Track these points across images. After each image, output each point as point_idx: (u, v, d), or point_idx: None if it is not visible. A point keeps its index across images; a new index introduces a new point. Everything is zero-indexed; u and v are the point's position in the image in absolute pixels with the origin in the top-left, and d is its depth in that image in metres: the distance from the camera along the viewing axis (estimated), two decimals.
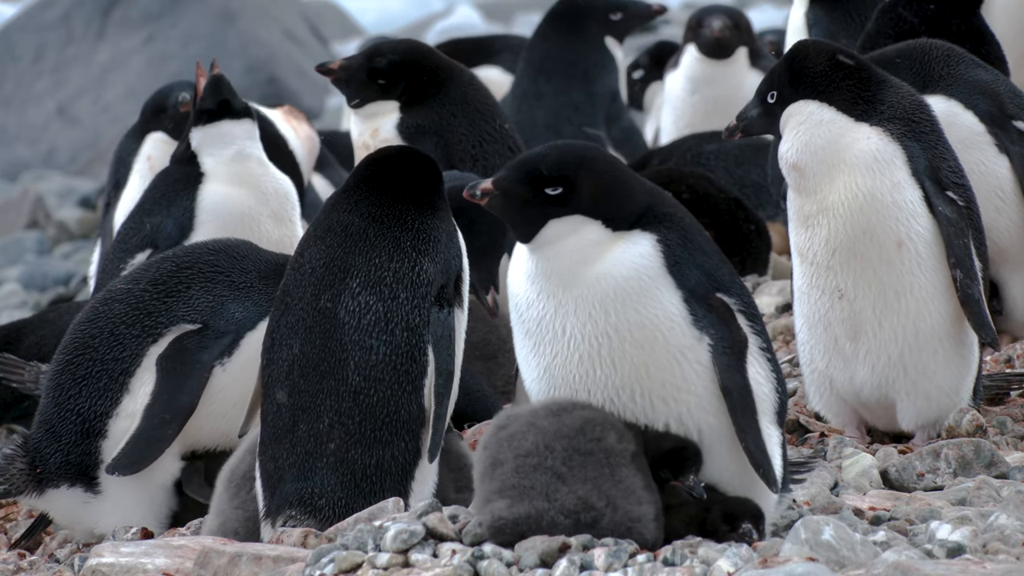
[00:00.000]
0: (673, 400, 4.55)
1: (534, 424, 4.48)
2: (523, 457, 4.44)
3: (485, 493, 4.46)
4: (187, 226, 6.71)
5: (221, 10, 17.92)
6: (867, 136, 5.51)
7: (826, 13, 7.93)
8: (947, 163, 5.58)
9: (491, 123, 7.46)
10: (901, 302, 5.54)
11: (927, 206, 5.52)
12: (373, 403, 4.87)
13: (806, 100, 5.56)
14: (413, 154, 5.09)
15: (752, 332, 4.60)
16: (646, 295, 4.54)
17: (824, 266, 5.56)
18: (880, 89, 5.57)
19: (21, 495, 5.62)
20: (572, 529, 4.38)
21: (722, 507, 4.52)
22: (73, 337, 5.61)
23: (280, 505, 4.89)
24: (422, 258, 4.93)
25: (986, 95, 6.28)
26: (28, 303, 12.56)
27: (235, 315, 5.53)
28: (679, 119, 10.19)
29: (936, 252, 5.52)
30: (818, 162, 5.52)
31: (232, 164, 6.74)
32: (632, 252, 4.56)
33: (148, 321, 5.55)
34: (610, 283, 4.55)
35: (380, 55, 7.43)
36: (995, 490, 5.06)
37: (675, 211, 4.64)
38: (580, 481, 4.41)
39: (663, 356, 4.55)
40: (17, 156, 17.71)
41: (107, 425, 5.54)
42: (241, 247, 5.68)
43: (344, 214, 4.97)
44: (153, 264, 5.66)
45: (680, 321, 4.55)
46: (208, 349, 5.50)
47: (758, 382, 4.60)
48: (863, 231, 5.51)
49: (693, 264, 4.58)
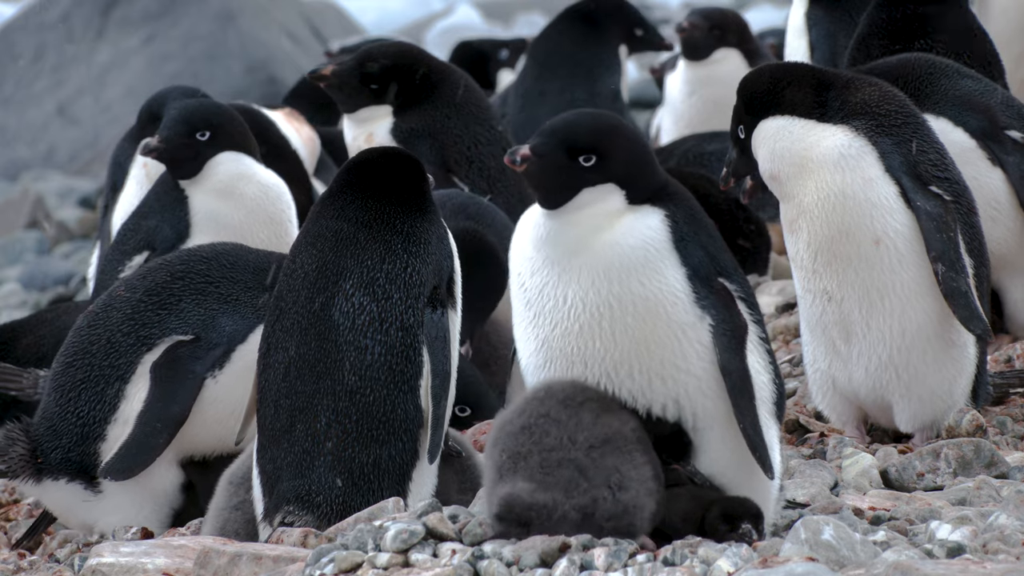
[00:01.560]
0: (672, 380, 4.54)
1: (548, 416, 4.47)
2: (548, 452, 4.43)
3: (509, 480, 4.43)
4: (184, 231, 6.72)
5: (221, 10, 17.92)
6: (832, 134, 5.51)
7: (826, 13, 7.93)
8: (927, 157, 5.56)
9: (485, 125, 7.45)
10: (885, 302, 5.53)
11: (905, 202, 5.50)
12: (369, 402, 4.88)
13: (765, 120, 5.57)
14: (396, 156, 5.09)
15: (751, 320, 4.60)
16: (651, 267, 4.53)
17: (810, 270, 5.57)
18: (842, 89, 5.57)
19: (18, 479, 5.64)
20: (579, 522, 4.37)
21: (721, 507, 4.52)
22: (72, 341, 5.65)
23: (278, 503, 4.90)
24: (413, 259, 4.94)
25: (975, 109, 6.27)
26: (28, 303, 12.56)
27: (226, 328, 5.55)
28: (679, 120, 10.21)
29: (917, 249, 5.50)
30: (788, 166, 5.54)
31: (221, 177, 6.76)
32: (641, 224, 4.56)
33: (143, 332, 5.58)
34: (616, 252, 4.53)
35: (372, 60, 7.42)
36: (995, 490, 5.06)
37: (685, 192, 4.66)
38: (600, 471, 4.41)
39: (664, 332, 4.53)
40: (17, 156, 17.71)
41: (105, 430, 5.57)
42: (232, 253, 5.68)
43: (332, 220, 4.98)
44: (150, 272, 5.68)
45: (683, 298, 4.53)
46: (201, 360, 5.53)
47: (757, 370, 4.59)
48: (839, 230, 5.51)
49: (698, 244, 4.58)
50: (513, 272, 4.66)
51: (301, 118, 9.44)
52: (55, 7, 18.16)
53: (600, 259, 4.53)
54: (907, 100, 5.65)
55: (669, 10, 22.98)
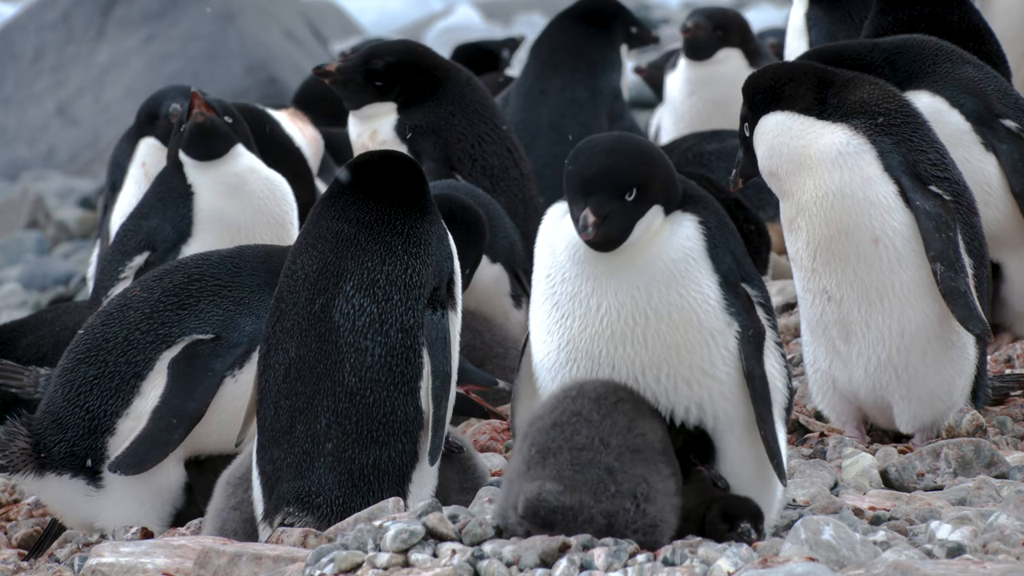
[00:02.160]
0: (697, 384, 4.53)
1: (581, 415, 4.47)
2: (578, 451, 4.43)
3: (535, 478, 4.42)
4: (186, 230, 6.72)
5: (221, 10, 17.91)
6: (831, 132, 5.52)
7: (826, 13, 7.93)
8: (927, 156, 5.55)
9: (489, 123, 7.45)
10: (884, 301, 5.53)
11: (904, 201, 5.50)
12: (369, 404, 4.88)
13: (766, 116, 5.58)
14: (395, 158, 5.10)
15: (768, 325, 4.61)
16: (690, 278, 4.52)
17: (810, 269, 5.57)
18: (843, 87, 5.58)
19: (19, 473, 5.63)
20: (604, 528, 4.37)
21: (721, 506, 4.52)
22: (85, 339, 5.63)
23: (278, 504, 4.90)
24: (414, 261, 4.94)
25: (973, 93, 6.28)
26: (28, 303, 12.56)
27: (246, 328, 5.55)
28: (679, 120, 10.21)
29: (916, 248, 5.50)
30: (786, 162, 5.54)
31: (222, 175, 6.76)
32: (679, 235, 4.54)
33: (162, 330, 5.56)
34: (658, 267, 4.51)
35: (377, 57, 7.42)
36: (995, 490, 5.06)
37: (704, 193, 4.65)
38: (629, 478, 4.40)
39: (696, 339, 4.52)
40: (17, 156, 17.71)
41: (116, 423, 5.56)
42: (249, 255, 5.68)
43: (333, 221, 4.98)
44: (166, 274, 5.67)
45: (715, 305, 4.53)
46: (221, 358, 5.52)
47: (773, 375, 4.60)
48: (838, 229, 5.51)
49: (727, 249, 4.58)
50: (540, 272, 4.62)
51: (305, 118, 9.45)
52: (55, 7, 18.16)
53: (642, 275, 4.51)
54: (907, 100, 5.66)
55: (669, 10, 23.00)
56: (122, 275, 6.71)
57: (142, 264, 6.72)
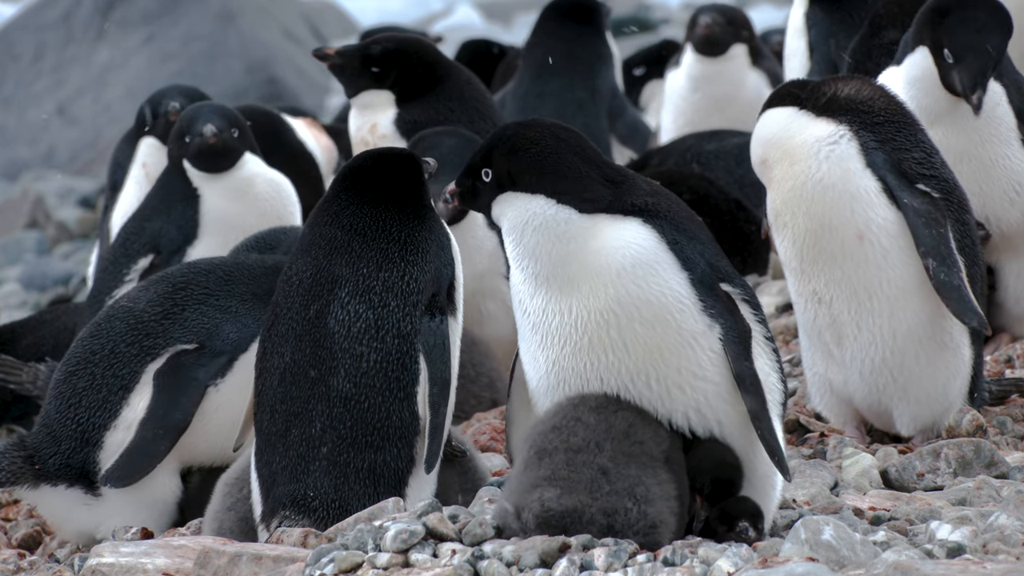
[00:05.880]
0: (690, 388, 4.53)
1: (580, 419, 4.48)
2: (573, 452, 4.44)
3: (532, 479, 4.43)
4: (191, 232, 6.72)
5: (221, 10, 17.92)
6: (816, 125, 5.53)
7: (826, 13, 7.93)
8: (912, 155, 5.54)
9: (489, 122, 7.45)
10: (873, 301, 5.52)
11: (889, 197, 5.49)
12: (364, 409, 4.87)
13: (769, 111, 5.62)
14: (393, 158, 5.07)
15: (756, 320, 4.61)
16: (646, 269, 4.52)
17: (799, 271, 5.57)
18: (832, 84, 5.59)
19: (15, 485, 5.64)
20: (605, 529, 4.37)
21: (721, 506, 4.52)
22: (75, 351, 5.65)
23: (274, 507, 4.90)
24: (411, 268, 4.91)
25: (1021, 92, 6.28)
26: (28, 303, 12.56)
27: (230, 336, 5.55)
28: (679, 117, 10.19)
29: (903, 246, 5.48)
30: (773, 149, 5.55)
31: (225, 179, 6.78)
32: (624, 230, 4.56)
33: (147, 342, 5.58)
34: (604, 260, 4.54)
35: (375, 43, 7.46)
36: (995, 490, 5.06)
37: (659, 204, 4.65)
38: (623, 478, 4.41)
39: (675, 340, 4.52)
40: (17, 156, 17.72)
41: (104, 436, 5.57)
42: (244, 263, 5.69)
43: (327, 227, 4.96)
44: (152, 284, 5.68)
45: (690, 305, 4.53)
46: (204, 367, 5.54)
47: (765, 372, 4.59)
48: (820, 223, 5.50)
49: (695, 251, 4.57)
50: (515, 300, 4.67)
51: (321, 128, 9.48)
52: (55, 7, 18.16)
53: (597, 273, 4.53)
54: (899, 99, 5.65)
55: (669, 10, 22.98)
56: (127, 278, 6.72)
57: (147, 267, 6.73)
